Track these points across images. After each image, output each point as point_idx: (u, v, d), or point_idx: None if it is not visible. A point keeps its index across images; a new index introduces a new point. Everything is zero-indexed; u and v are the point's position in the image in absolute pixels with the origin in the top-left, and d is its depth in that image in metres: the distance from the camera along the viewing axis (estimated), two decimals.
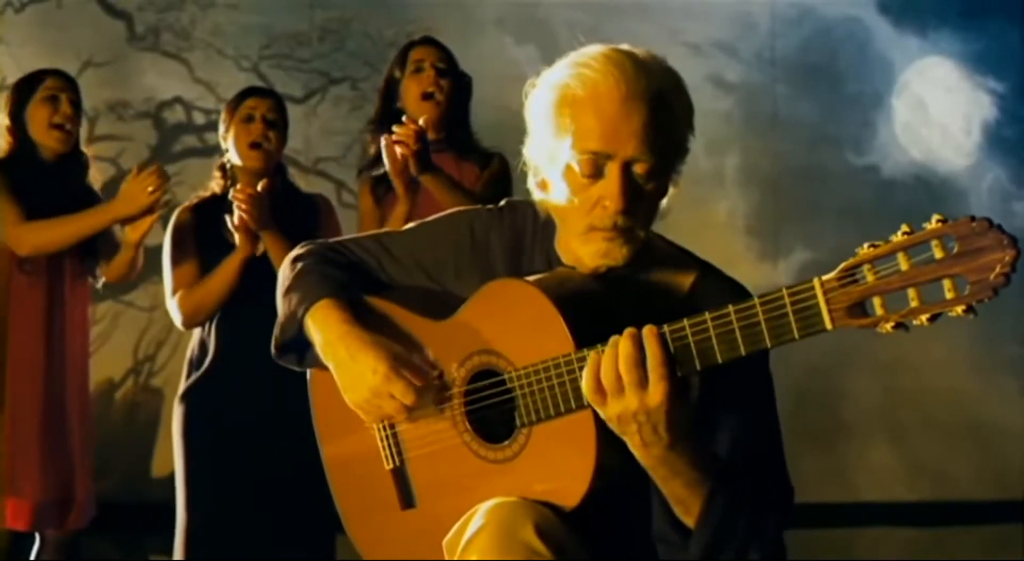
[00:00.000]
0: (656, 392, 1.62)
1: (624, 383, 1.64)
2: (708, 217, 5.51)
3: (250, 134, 3.70)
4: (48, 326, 3.82)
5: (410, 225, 2.15)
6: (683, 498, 1.72)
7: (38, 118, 3.85)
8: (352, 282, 2.03)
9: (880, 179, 5.88)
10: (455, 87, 3.72)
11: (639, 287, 1.86)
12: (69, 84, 3.95)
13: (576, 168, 1.79)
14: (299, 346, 2.05)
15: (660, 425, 1.64)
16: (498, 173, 3.65)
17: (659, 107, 1.77)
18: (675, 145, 1.82)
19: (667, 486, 1.72)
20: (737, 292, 1.85)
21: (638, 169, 1.77)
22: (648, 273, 1.88)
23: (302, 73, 5.77)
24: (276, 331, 2.05)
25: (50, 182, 3.84)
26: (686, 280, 1.87)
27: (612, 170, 1.77)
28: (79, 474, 3.83)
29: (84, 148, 4.02)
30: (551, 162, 1.84)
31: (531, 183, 1.91)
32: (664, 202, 1.86)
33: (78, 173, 3.95)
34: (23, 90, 3.90)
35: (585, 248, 1.82)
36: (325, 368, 1.99)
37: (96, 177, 4.06)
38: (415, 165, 3.37)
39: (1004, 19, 5.81)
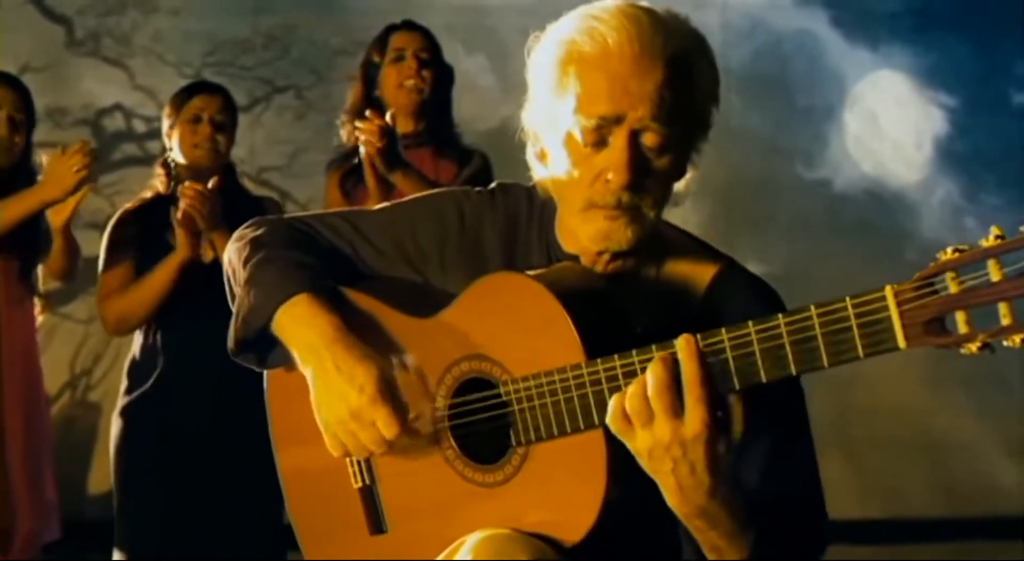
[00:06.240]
0: (693, 419, 1.41)
1: (654, 410, 1.42)
2: None
3: (197, 135, 3.57)
4: None
5: (385, 204, 1.92)
6: (720, 548, 1.51)
7: None
8: (325, 270, 1.77)
9: (832, 193, 5.85)
10: (437, 78, 3.60)
11: (653, 283, 1.67)
12: (13, 94, 3.76)
13: (578, 136, 1.58)
14: (261, 344, 1.77)
15: (699, 463, 1.42)
16: (478, 172, 3.50)
17: (677, 70, 1.56)
18: (693, 117, 1.61)
19: (703, 536, 1.51)
20: (766, 293, 1.67)
21: (647, 140, 1.56)
22: (662, 266, 1.67)
23: (246, 81, 5.67)
24: (236, 324, 1.76)
25: None
26: (706, 274, 1.66)
27: (618, 138, 1.56)
28: (23, 504, 3.67)
29: (34, 156, 3.84)
30: (551, 127, 1.62)
31: (529, 154, 1.71)
32: (681, 185, 1.66)
33: (25, 183, 3.74)
34: None
35: (584, 228, 1.61)
36: (291, 369, 1.74)
37: None
38: (382, 163, 3.26)
39: (955, 34, 5.81)
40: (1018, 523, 5.16)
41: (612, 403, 1.46)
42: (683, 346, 1.43)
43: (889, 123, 5.87)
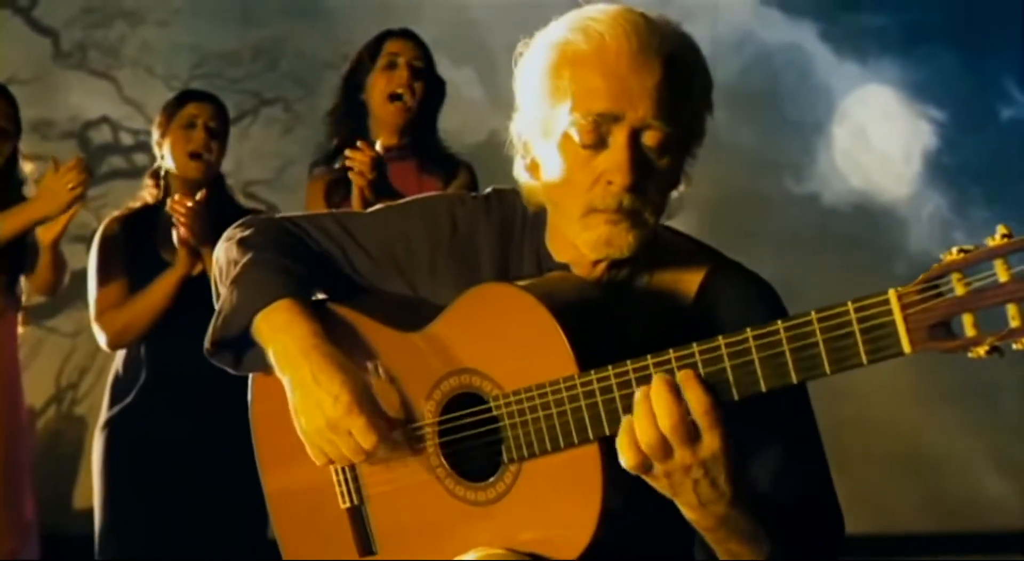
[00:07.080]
0: (711, 442, 1.38)
1: (671, 443, 1.38)
2: None
3: (190, 142, 3.53)
4: None
5: (378, 207, 1.89)
6: (739, 554, 1.50)
7: None
8: (312, 275, 1.75)
9: (820, 207, 5.84)
10: (428, 90, 3.52)
11: (645, 291, 1.62)
12: (3, 104, 3.75)
13: (575, 137, 1.53)
14: (238, 344, 1.74)
15: (720, 477, 1.40)
16: (464, 187, 3.44)
17: (675, 69, 1.52)
18: (691, 119, 1.57)
19: (722, 546, 1.49)
20: (759, 290, 1.64)
21: (649, 140, 1.52)
22: (652, 274, 1.63)
23: (233, 93, 5.62)
24: (216, 324, 1.72)
25: None
26: (693, 280, 1.62)
27: (619, 137, 1.51)
28: (0, 523, 3.62)
29: (21, 164, 3.82)
30: (545, 135, 1.58)
31: (518, 168, 1.66)
32: (675, 195, 1.60)
33: (13, 193, 3.74)
34: None
35: (583, 235, 1.55)
36: (268, 372, 1.70)
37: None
38: (372, 193, 3.20)
39: (944, 48, 5.81)
40: (1008, 537, 5.14)
41: (620, 443, 1.42)
42: (685, 381, 1.39)
43: (878, 137, 5.86)
